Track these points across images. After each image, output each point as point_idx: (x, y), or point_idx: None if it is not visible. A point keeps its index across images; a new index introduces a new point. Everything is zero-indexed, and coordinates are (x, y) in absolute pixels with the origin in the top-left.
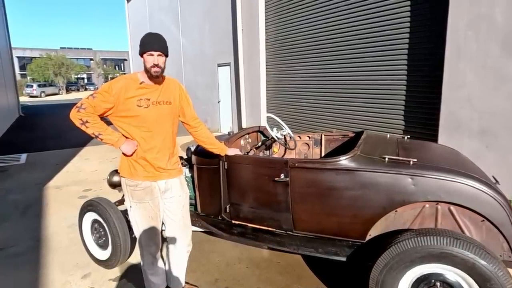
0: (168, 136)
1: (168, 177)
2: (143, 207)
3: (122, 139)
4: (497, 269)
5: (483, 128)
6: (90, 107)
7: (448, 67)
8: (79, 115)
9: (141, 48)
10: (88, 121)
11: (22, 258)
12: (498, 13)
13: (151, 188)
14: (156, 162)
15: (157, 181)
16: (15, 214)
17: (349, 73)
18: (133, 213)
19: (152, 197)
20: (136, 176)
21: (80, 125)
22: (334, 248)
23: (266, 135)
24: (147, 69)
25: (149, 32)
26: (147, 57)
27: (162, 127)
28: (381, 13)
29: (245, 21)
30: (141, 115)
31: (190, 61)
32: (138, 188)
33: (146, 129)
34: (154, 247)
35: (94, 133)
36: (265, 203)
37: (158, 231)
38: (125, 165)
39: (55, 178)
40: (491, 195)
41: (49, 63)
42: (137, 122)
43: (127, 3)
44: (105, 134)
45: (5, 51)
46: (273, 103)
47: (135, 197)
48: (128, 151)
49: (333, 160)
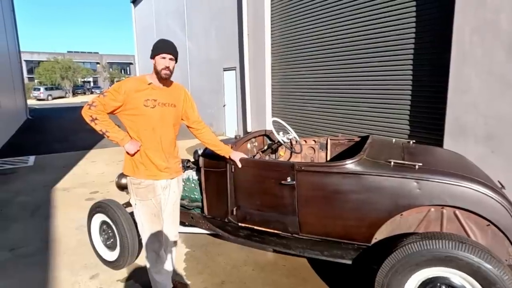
0: (170, 137)
1: (169, 176)
2: (146, 204)
3: (127, 138)
4: (502, 273)
5: (488, 133)
6: (100, 105)
7: (454, 72)
8: (89, 112)
9: (154, 51)
10: (97, 118)
11: (31, 259)
12: (504, 19)
13: (153, 186)
14: (158, 161)
15: (158, 180)
16: (24, 215)
17: (354, 78)
18: (138, 211)
19: (155, 195)
20: (138, 174)
21: (90, 122)
22: (340, 251)
23: (272, 139)
24: (157, 71)
25: (162, 38)
26: (159, 59)
27: (165, 127)
28: (386, 18)
29: (251, 26)
30: (146, 114)
31: (196, 65)
32: (141, 186)
33: (150, 128)
34: (158, 243)
35: (102, 130)
36: (271, 206)
37: (161, 228)
38: (128, 164)
39: (63, 180)
40: (496, 200)
41: (56, 67)
42: (142, 121)
43: (134, 8)
44: (112, 132)
45: (14, 55)
46: (279, 107)
47: (138, 195)
48: (131, 150)
49: (339, 164)
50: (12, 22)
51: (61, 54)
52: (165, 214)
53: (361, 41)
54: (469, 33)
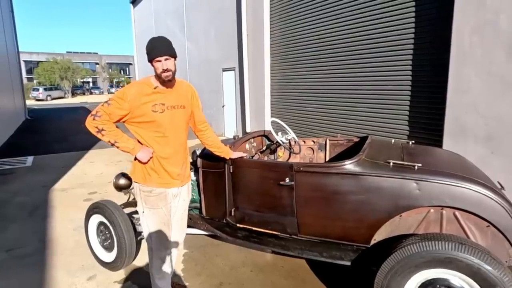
0: (183, 141)
1: (181, 184)
2: (156, 213)
3: (138, 147)
4: (503, 275)
5: (488, 133)
6: (105, 115)
7: (453, 72)
8: (94, 123)
9: (148, 56)
10: (104, 129)
11: (29, 260)
12: (503, 19)
13: (165, 195)
14: (171, 168)
15: (170, 188)
16: (22, 216)
17: (353, 78)
18: (146, 219)
19: (166, 203)
20: (150, 182)
21: (96, 133)
22: (339, 253)
23: (271, 140)
24: (158, 75)
25: (152, 38)
26: (155, 63)
27: (176, 131)
28: (385, 18)
29: (250, 26)
30: (156, 120)
31: (195, 66)
32: (152, 194)
33: (161, 134)
34: (165, 252)
35: (110, 141)
36: (270, 207)
37: (169, 237)
38: (139, 171)
39: (61, 181)
40: (496, 201)
41: (55, 67)
42: (153, 127)
43: (133, 8)
44: (121, 142)
45: (13, 55)
46: (278, 107)
47: (148, 203)
48: (144, 158)
49: (338, 164)
50: (11, 22)
51: (60, 55)
52: (173, 221)
53: (361, 41)
54: (469, 33)
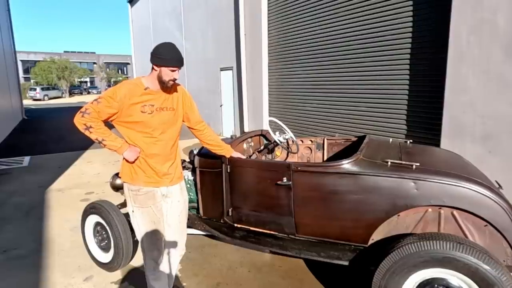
0: (171, 142)
1: (169, 183)
2: (145, 211)
3: (125, 146)
4: (501, 274)
5: (486, 133)
6: (94, 112)
7: (451, 71)
8: (83, 120)
9: (161, 61)
10: (92, 126)
11: (24, 261)
12: (501, 18)
13: (153, 193)
14: (158, 167)
15: (159, 187)
16: (18, 216)
17: (351, 77)
18: (135, 218)
19: (155, 201)
20: (137, 181)
21: (84, 130)
22: (337, 252)
23: (269, 139)
24: (162, 80)
25: (168, 44)
26: (167, 70)
27: (164, 133)
28: (383, 18)
29: (248, 26)
30: (144, 121)
31: (193, 65)
32: (140, 193)
33: (149, 135)
34: (156, 252)
35: (98, 138)
36: (267, 207)
37: (160, 236)
38: (126, 170)
39: (58, 181)
40: (494, 200)
41: (53, 67)
42: (140, 127)
43: (131, 8)
44: (109, 140)
45: (9, 54)
46: (275, 107)
47: (137, 202)
48: (131, 157)
49: (336, 164)
50: (7, 21)
51: (57, 54)
52: (172, 225)
53: (358, 41)
54: (466, 33)
